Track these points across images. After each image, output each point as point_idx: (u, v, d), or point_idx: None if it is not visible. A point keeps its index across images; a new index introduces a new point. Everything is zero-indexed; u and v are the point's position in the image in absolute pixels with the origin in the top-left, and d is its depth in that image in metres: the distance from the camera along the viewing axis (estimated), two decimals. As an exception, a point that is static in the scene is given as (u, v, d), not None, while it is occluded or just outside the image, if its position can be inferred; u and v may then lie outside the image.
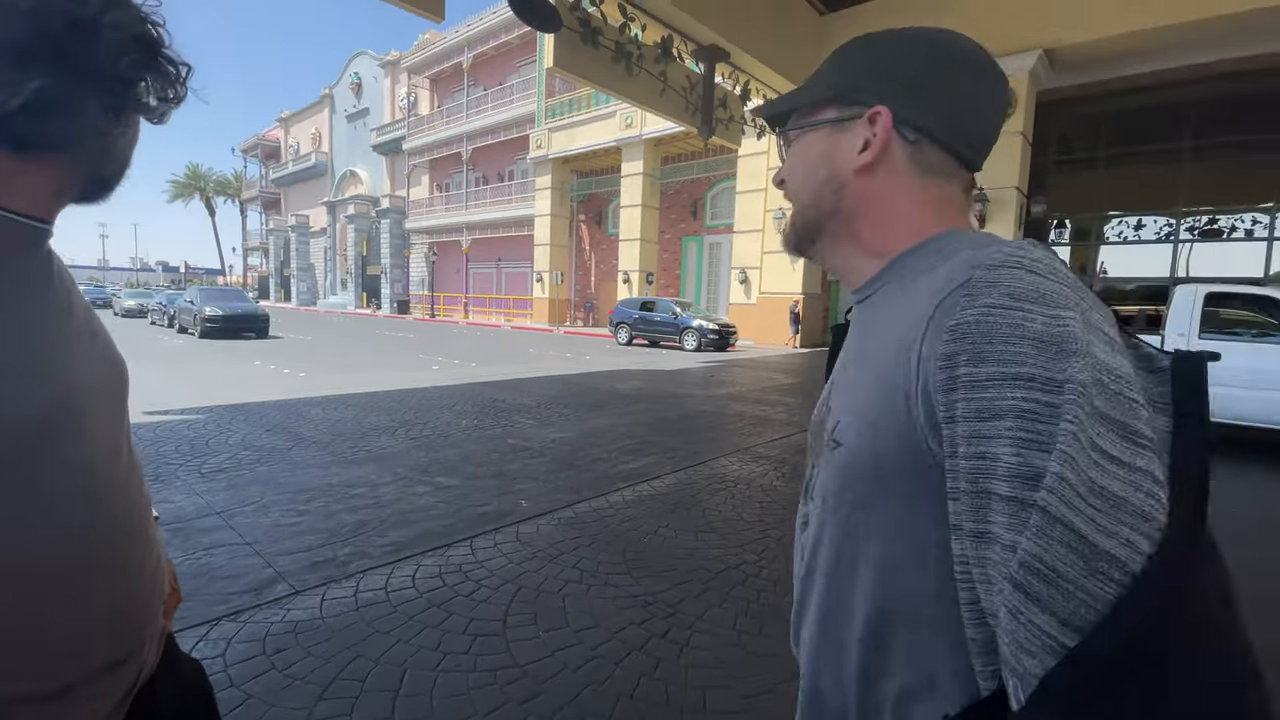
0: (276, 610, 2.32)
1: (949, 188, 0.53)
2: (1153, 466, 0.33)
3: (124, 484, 0.62)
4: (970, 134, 0.52)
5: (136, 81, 0.55)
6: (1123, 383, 0.35)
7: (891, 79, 0.52)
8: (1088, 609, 0.32)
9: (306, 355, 11.57)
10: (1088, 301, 0.39)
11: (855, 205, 0.54)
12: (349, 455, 4.54)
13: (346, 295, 36.79)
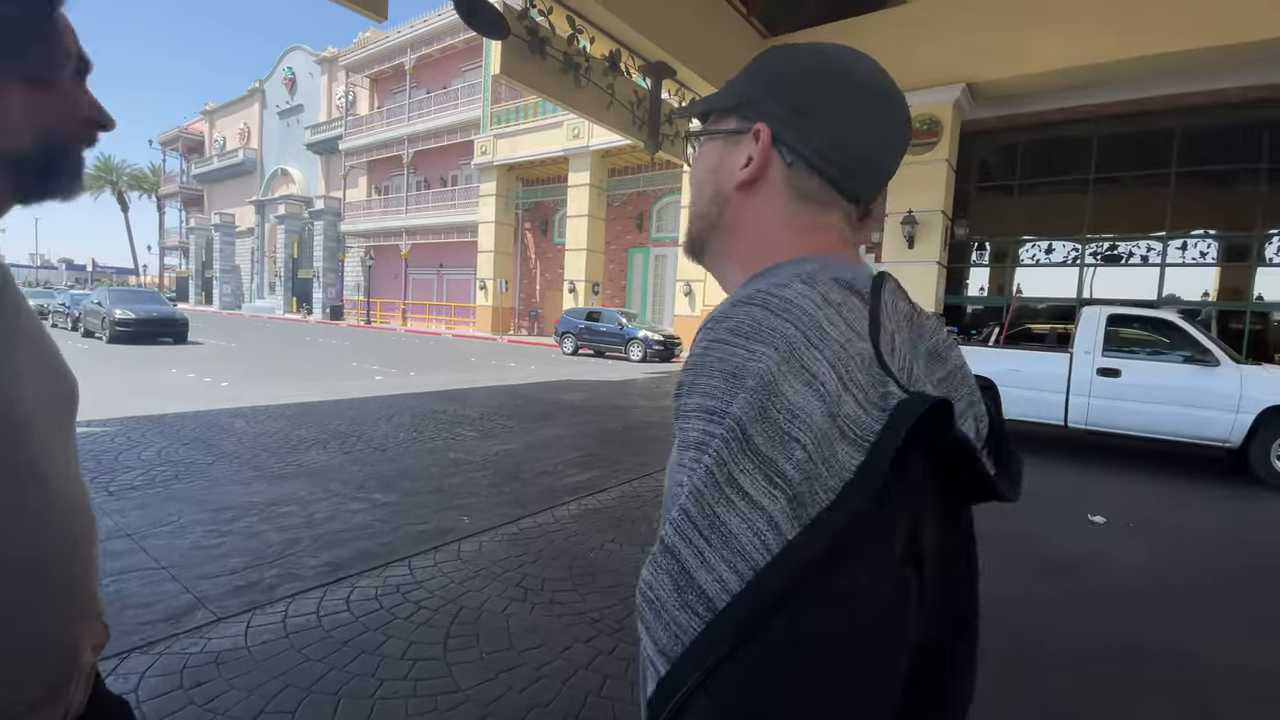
0: (196, 640, 2.17)
1: (825, 216, 0.50)
2: (775, 507, 0.33)
3: (74, 502, 0.59)
4: (851, 162, 0.49)
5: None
6: (794, 421, 0.34)
7: (778, 97, 0.50)
8: (676, 640, 0.33)
9: (230, 363, 10.91)
10: (816, 340, 0.37)
11: (732, 222, 0.52)
12: (276, 470, 4.31)
13: (275, 299, 34.93)
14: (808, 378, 0.36)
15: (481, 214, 23.54)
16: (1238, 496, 4.96)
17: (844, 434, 0.35)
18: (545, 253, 24.92)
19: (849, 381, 0.37)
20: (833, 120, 0.49)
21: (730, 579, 0.32)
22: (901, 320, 0.45)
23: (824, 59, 0.51)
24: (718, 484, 0.34)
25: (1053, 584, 3.05)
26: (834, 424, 0.35)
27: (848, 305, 0.41)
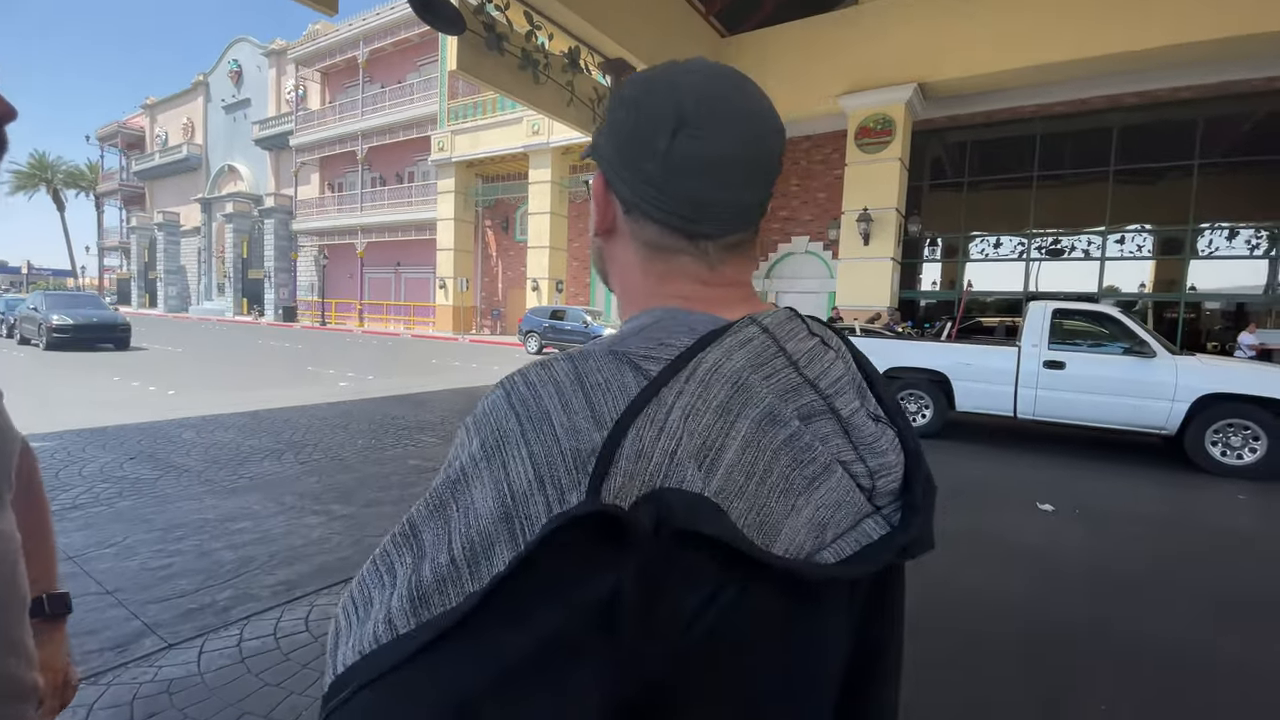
0: (146, 668, 2.09)
1: (674, 261, 0.47)
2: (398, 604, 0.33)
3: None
4: (679, 204, 0.45)
5: None
6: (462, 523, 0.34)
7: (611, 141, 0.47)
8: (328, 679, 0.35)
9: (177, 370, 10.45)
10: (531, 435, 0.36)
11: (605, 265, 0.52)
12: (228, 484, 4.16)
13: (224, 301, 33.59)
14: (500, 476, 0.35)
15: (440, 211, 23.10)
16: (1175, 483, 5.25)
17: (514, 537, 0.34)
18: (507, 250, 24.62)
19: (548, 481, 0.35)
20: (644, 163, 0.45)
21: (350, 656, 0.34)
22: (718, 389, 0.39)
23: (639, 92, 0.45)
24: (378, 569, 0.36)
25: (1007, 571, 3.18)
26: (507, 526, 0.34)
27: (607, 387, 0.38)
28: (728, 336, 0.42)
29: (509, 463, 0.35)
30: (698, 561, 0.35)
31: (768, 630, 0.38)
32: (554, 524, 0.32)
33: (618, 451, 0.35)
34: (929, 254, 17.09)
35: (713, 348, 0.41)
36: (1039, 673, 2.29)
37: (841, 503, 0.42)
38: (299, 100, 28.88)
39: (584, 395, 0.37)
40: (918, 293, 16.60)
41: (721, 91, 0.45)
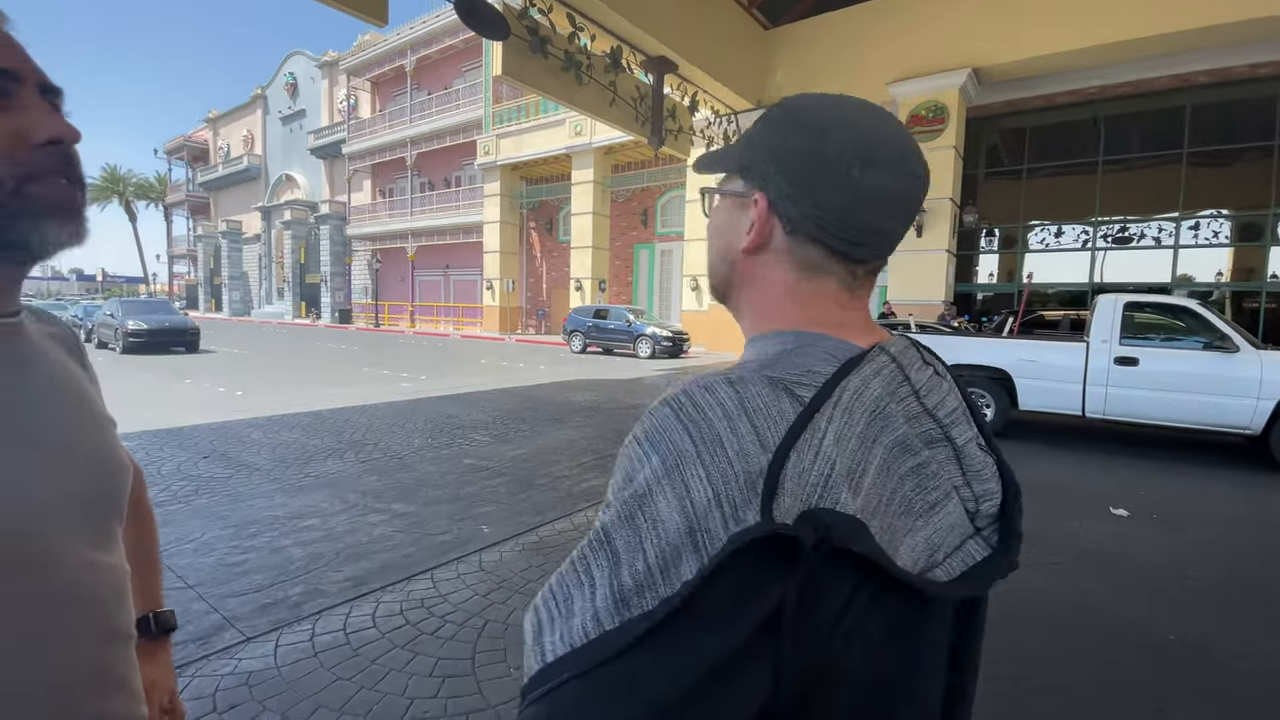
0: (226, 660, 2.20)
1: (825, 283, 0.51)
2: (603, 604, 0.37)
3: (89, 620, 0.54)
4: (854, 233, 0.49)
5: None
6: (652, 532, 0.38)
7: (778, 164, 0.50)
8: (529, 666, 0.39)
9: (243, 371, 11.00)
10: (705, 455, 0.39)
11: (740, 282, 0.54)
12: (296, 482, 4.34)
13: (283, 304, 35.16)
14: (682, 493, 0.39)
15: (486, 214, 23.57)
16: (1260, 485, 4.89)
17: (697, 548, 0.37)
18: (551, 251, 24.92)
19: (724, 499, 0.38)
20: (832, 191, 0.48)
21: (560, 647, 0.38)
22: (861, 415, 0.43)
23: (826, 122, 0.49)
24: (576, 570, 0.39)
25: (1079, 578, 3.02)
26: (691, 539, 0.37)
27: (767, 413, 0.41)
28: (865, 365, 0.46)
29: (689, 481, 0.39)
30: (841, 577, 0.39)
31: (893, 640, 0.43)
32: (739, 541, 0.36)
33: (782, 474, 0.39)
34: (985, 245, 16.43)
35: (853, 375, 0.45)
36: (1119, 688, 2.16)
37: (954, 526, 0.47)
38: (350, 109, 29.93)
39: (749, 420, 0.41)
40: (974, 286, 16.01)
41: (894, 130, 0.49)
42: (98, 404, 0.63)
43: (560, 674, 0.37)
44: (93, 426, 0.59)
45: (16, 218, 0.48)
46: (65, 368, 0.60)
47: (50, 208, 0.50)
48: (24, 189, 0.48)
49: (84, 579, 0.54)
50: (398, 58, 27.26)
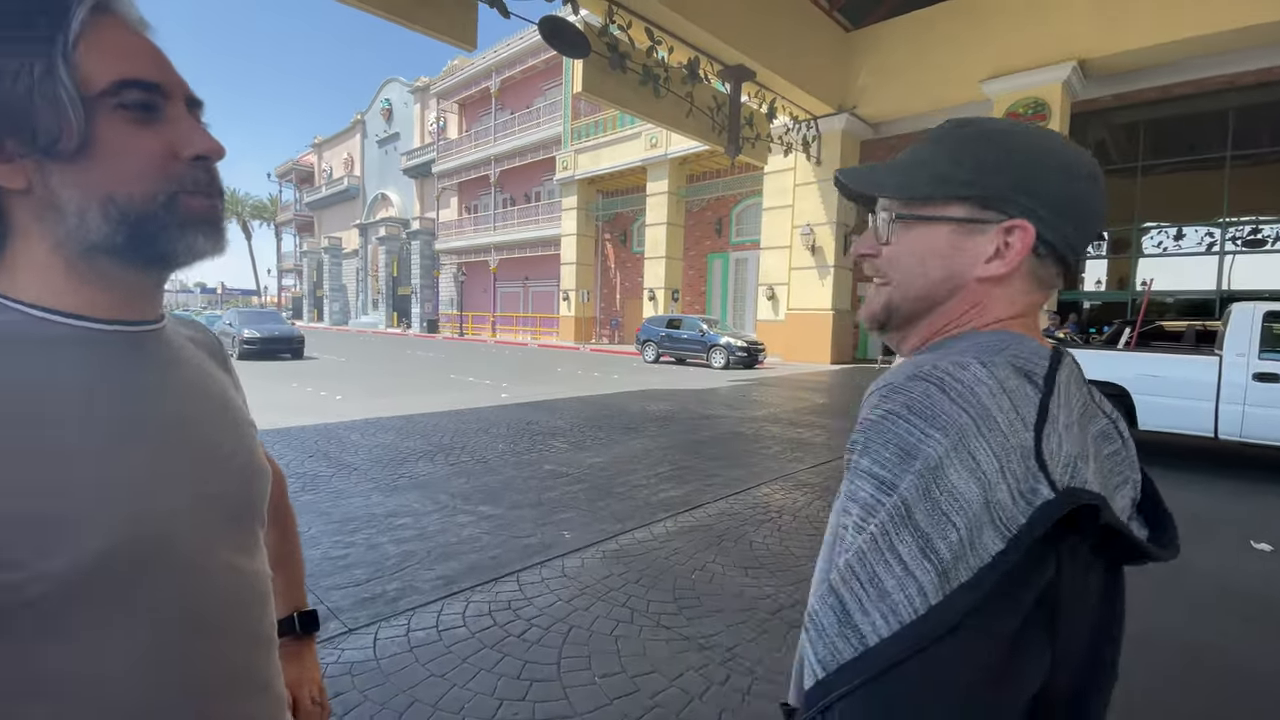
0: (331, 650, 2.33)
1: (1045, 294, 0.56)
2: (925, 579, 0.39)
3: (233, 625, 0.54)
4: (1086, 245, 0.56)
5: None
6: (954, 505, 0.40)
7: (1033, 193, 0.52)
8: (832, 659, 0.41)
9: (342, 377, 11.80)
10: (984, 430, 0.43)
11: (960, 302, 0.55)
12: (390, 482, 4.58)
13: (377, 315, 37.55)
14: (972, 465, 0.41)
15: (564, 227, 24.22)
16: None
17: (992, 520, 0.41)
18: (625, 262, 25.24)
19: (1006, 471, 0.42)
20: (1086, 216, 0.53)
21: (881, 626, 0.40)
22: (1074, 404, 0.49)
23: (1058, 152, 0.53)
24: (879, 549, 0.41)
25: (1218, 618, 2.69)
26: (987, 510, 0.41)
27: (1020, 393, 0.45)
28: (1061, 362, 0.51)
29: (976, 454, 0.42)
30: (1081, 545, 0.45)
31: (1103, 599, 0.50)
32: (1058, 510, 0.41)
33: (1043, 451, 0.43)
34: (1093, 249, 15.18)
35: (1060, 369, 0.49)
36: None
37: (1123, 509, 0.52)
38: (440, 131, 31.70)
39: (1008, 398, 0.44)
40: (1080, 293, 14.82)
41: (1079, 147, 0.55)
42: (240, 408, 0.63)
43: (892, 654, 0.39)
44: (234, 431, 0.59)
45: (166, 228, 0.49)
46: (208, 373, 0.60)
47: (196, 219, 0.51)
48: (174, 201, 0.49)
49: (227, 584, 0.54)
50: (483, 80, 28.62)
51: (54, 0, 0.44)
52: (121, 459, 0.47)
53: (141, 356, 0.52)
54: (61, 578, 0.43)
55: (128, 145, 0.47)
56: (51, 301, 0.48)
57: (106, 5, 0.47)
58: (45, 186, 0.46)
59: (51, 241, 0.48)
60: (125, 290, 0.51)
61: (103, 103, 0.46)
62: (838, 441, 6.35)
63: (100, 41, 0.46)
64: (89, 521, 0.44)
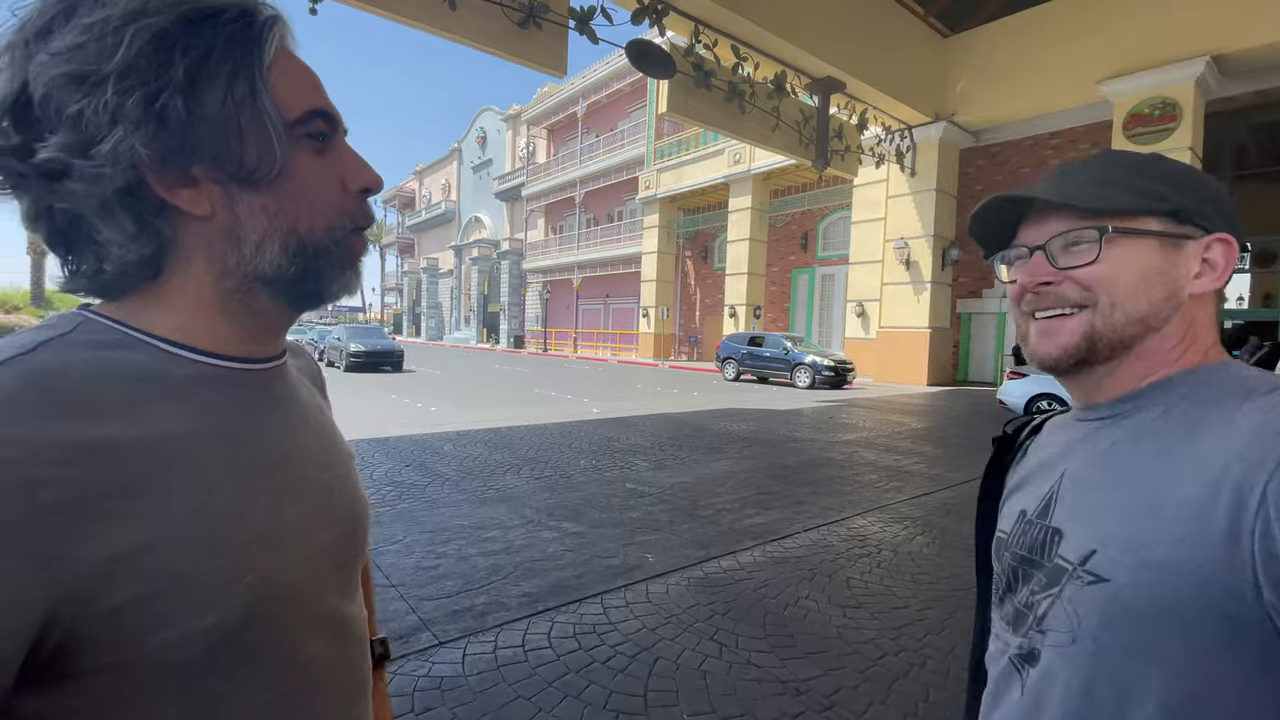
0: (422, 662, 2.36)
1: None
2: None
3: (342, 675, 0.52)
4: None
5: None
6: None
7: (1218, 208, 0.54)
8: None
9: (436, 389, 12.40)
10: None
11: (1178, 325, 0.54)
12: (479, 494, 4.70)
13: (469, 331, 39.50)
14: None
15: (645, 245, 24.50)
16: None
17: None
18: (705, 279, 25.14)
19: None
20: (1241, 233, 0.55)
21: None
22: None
23: (1190, 166, 0.56)
24: None
25: None
26: None
27: None
28: None
29: None
30: None
31: None
32: None
33: None
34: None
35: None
36: None
37: None
38: (529, 156, 33.13)
39: None
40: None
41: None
42: (343, 442, 0.60)
43: None
44: (342, 469, 0.56)
45: (333, 266, 0.48)
46: (317, 406, 0.58)
47: (353, 259, 0.49)
48: (346, 238, 0.48)
49: (336, 633, 0.52)
50: (570, 105, 29.68)
51: (245, 27, 0.43)
52: (256, 511, 0.45)
53: (268, 396, 0.50)
54: (208, 636, 0.40)
55: (312, 175, 0.46)
56: (188, 336, 0.45)
57: (285, 38, 0.46)
58: (230, 213, 0.44)
59: (218, 271, 0.45)
60: (264, 326, 0.49)
61: (294, 131, 0.45)
62: (939, 470, 5.90)
63: (285, 68, 0.45)
64: (237, 576, 0.42)
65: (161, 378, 0.43)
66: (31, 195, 0.41)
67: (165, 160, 0.41)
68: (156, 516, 0.39)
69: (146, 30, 0.39)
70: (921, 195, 15.01)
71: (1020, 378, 9.15)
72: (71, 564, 0.36)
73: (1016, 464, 0.68)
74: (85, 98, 0.39)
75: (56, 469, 0.35)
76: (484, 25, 7.97)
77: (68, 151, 0.39)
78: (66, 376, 0.39)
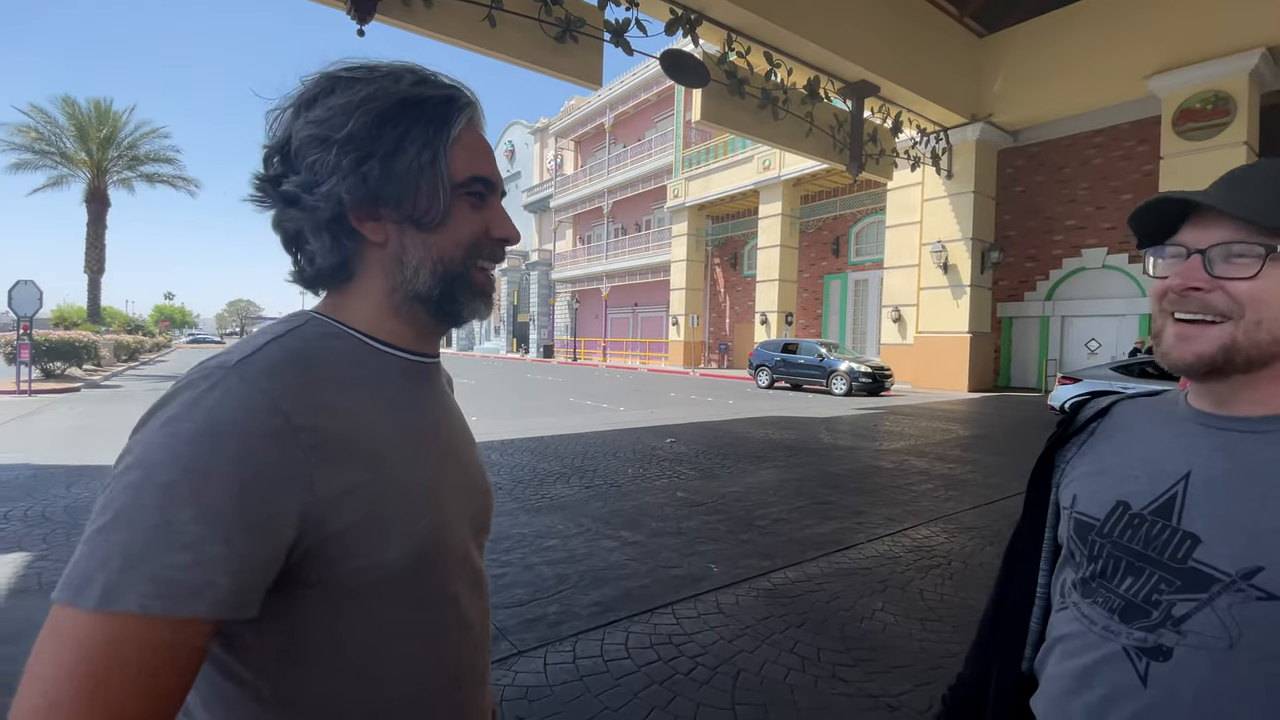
0: (505, 671, 2.37)
1: None
2: None
3: (473, 622, 0.61)
4: None
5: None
6: None
7: None
8: None
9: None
10: None
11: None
12: (534, 503, 4.72)
13: (499, 341, 39.94)
14: None
15: (673, 254, 24.52)
16: None
17: None
18: (735, 286, 25.04)
19: None
20: None
21: None
22: None
23: None
24: None
25: None
26: None
27: None
28: None
29: None
30: None
31: None
32: None
33: None
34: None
35: None
36: None
37: None
38: (557, 168, 33.53)
39: None
40: None
41: None
42: (470, 431, 0.71)
43: None
44: (475, 453, 0.68)
45: (465, 290, 0.59)
46: (455, 400, 0.71)
47: (482, 289, 0.61)
48: (470, 270, 0.59)
49: (476, 583, 0.62)
50: (598, 117, 29.98)
51: (443, 111, 0.55)
52: (424, 472, 0.56)
53: (430, 385, 0.63)
54: (390, 567, 0.51)
55: (464, 223, 0.58)
56: (377, 331, 0.58)
57: (474, 117, 0.59)
58: (399, 244, 0.56)
59: (389, 285, 0.57)
60: (425, 331, 0.61)
61: (458, 190, 0.57)
62: (997, 480, 5.75)
63: (465, 143, 0.57)
64: (411, 523, 0.53)
65: (363, 361, 0.56)
66: (275, 212, 0.56)
67: (361, 203, 0.54)
68: (369, 464, 0.50)
69: (370, 111, 0.53)
70: (959, 198, 14.75)
71: (1073, 382, 8.89)
72: (318, 493, 0.47)
73: (1082, 443, 0.69)
74: (319, 154, 0.52)
75: (311, 418, 0.48)
76: (522, 41, 8.12)
77: (299, 187, 0.53)
78: (310, 355, 0.52)
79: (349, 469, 0.49)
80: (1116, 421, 0.67)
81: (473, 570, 0.61)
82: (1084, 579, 0.61)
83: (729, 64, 10.29)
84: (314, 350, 0.52)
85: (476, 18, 7.59)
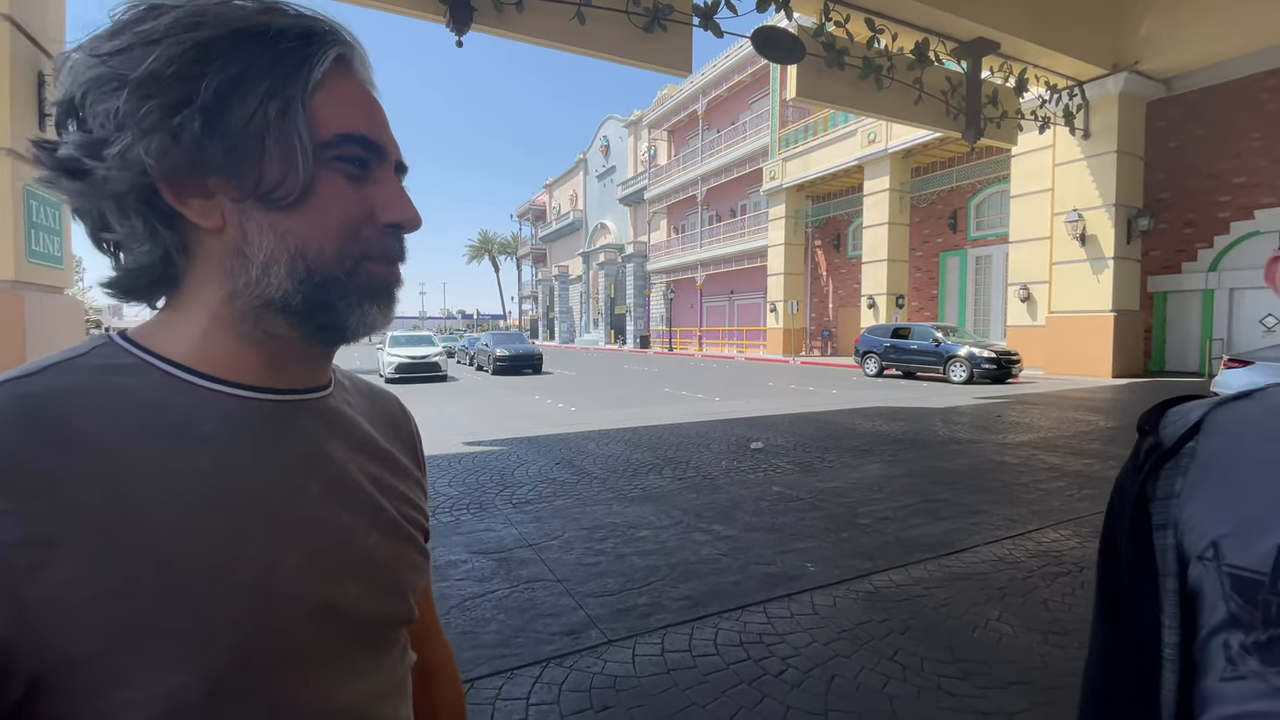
0: (594, 660, 2.41)
1: None
2: None
3: None
4: None
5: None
6: None
7: None
8: None
9: (574, 390, 12.96)
10: None
11: None
12: (627, 493, 4.79)
13: (597, 333, 40.98)
14: None
15: (770, 238, 23.83)
16: None
17: None
18: (838, 269, 23.93)
19: None
20: None
21: None
22: None
23: None
24: None
25: None
26: None
27: None
28: None
29: None
30: None
31: None
32: None
33: None
34: None
35: None
36: None
37: None
38: (651, 159, 33.64)
39: None
40: None
41: None
42: (407, 487, 0.54)
43: None
44: (386, 516, 0.50)
45: (345, 296, 0.44)
46: (377, 451, 0.52)
47: (375, 288, 0.46)
48: (358, 268, 0.45)
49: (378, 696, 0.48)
50: (690, 104, 29.69)
51: (299, 45, 0.41)
52: (248, 559, 0.39)
53: (289, 430, 0.45)
54: (170, 700, 0.36)
55: (335, 200, 0.43)
56: (202, 360, 0.43)
57: (348, 60, 0.44)
58: (240, 229, 0.42)
59: (228, 290, 0.43)
60: (287, 354, 0.46)
61: (323, 153, 0.42)
62: (1143, 476, 5.07)
63: (335, 92, 0.43)
64: (213, 630, 0.37)
65: (161, 406, 0.40)
66: (61, 190, 0.41)
67: (176, 170, 0.40)
68: (125, 560, 0.35)
69: (183, 42, 0.38)
70: (1098, 159, 13.10)
71: (1243, 365, 7.63)
72: (30, 601, 0.33)
73: (1185, 470, 0.53)
74: (108, 101, 0.38)
75: (21, 502, 0.34)
76: (611, 35, 8.16)
77: (80, 149, 0.39)
78: (56, 404, 0.37)
79: (94, 564, 0.35)
80: (1228, 439, 0.53)
81: (343, 711, 0.44)
82: (1260, 643, 0.49)
83: (826, 35, 9.77)
84: (70, 396, 0.38)
85: (566, 17, 7.72)
